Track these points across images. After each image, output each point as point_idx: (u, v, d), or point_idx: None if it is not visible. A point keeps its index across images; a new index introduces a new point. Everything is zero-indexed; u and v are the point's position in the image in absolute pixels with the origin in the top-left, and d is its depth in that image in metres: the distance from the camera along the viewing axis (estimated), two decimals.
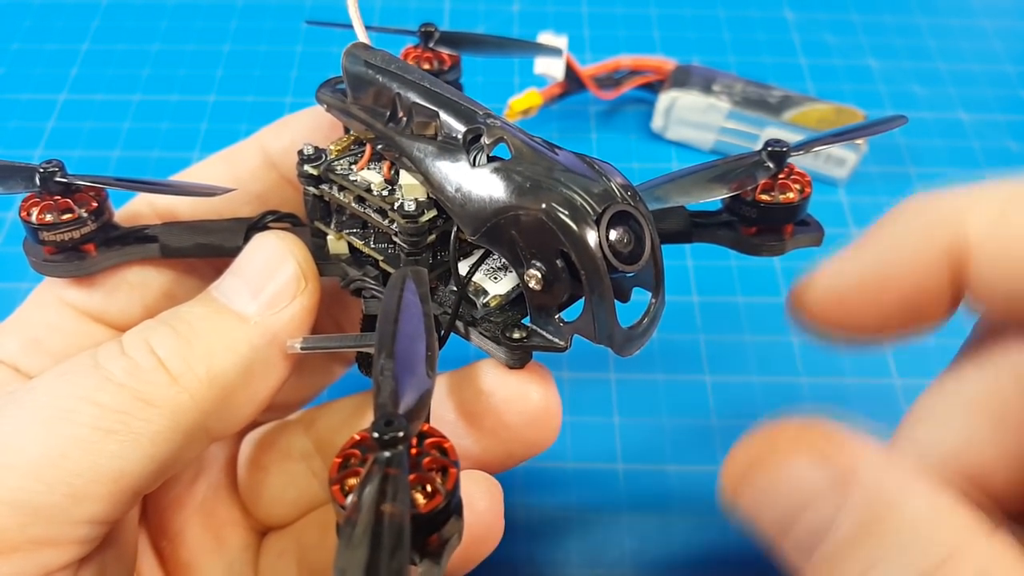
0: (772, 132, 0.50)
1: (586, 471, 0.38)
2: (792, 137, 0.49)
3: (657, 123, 0.52)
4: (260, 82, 0.56)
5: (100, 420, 0.22)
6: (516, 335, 0.24)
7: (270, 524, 0.31)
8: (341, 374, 0.34)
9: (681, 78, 0.52)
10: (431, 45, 0.33)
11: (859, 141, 0.49)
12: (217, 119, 0.53)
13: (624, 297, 0.23)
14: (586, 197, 0.22)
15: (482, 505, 0.24)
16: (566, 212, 0.22)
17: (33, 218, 0.26)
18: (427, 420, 0.20)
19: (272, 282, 0.25)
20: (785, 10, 0.62)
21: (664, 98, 0.51)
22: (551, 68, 0.50)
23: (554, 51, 0.40)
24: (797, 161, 0.29)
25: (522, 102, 0.50)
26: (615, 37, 0.60)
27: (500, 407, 0.25)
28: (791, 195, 0.28)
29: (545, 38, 0.50)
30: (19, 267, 0.45)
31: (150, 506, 0.29)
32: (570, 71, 0.51)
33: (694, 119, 0.51)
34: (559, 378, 0.26)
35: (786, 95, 0.51)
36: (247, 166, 0.30)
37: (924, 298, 0.23)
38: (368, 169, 0.27)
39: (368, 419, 0.29)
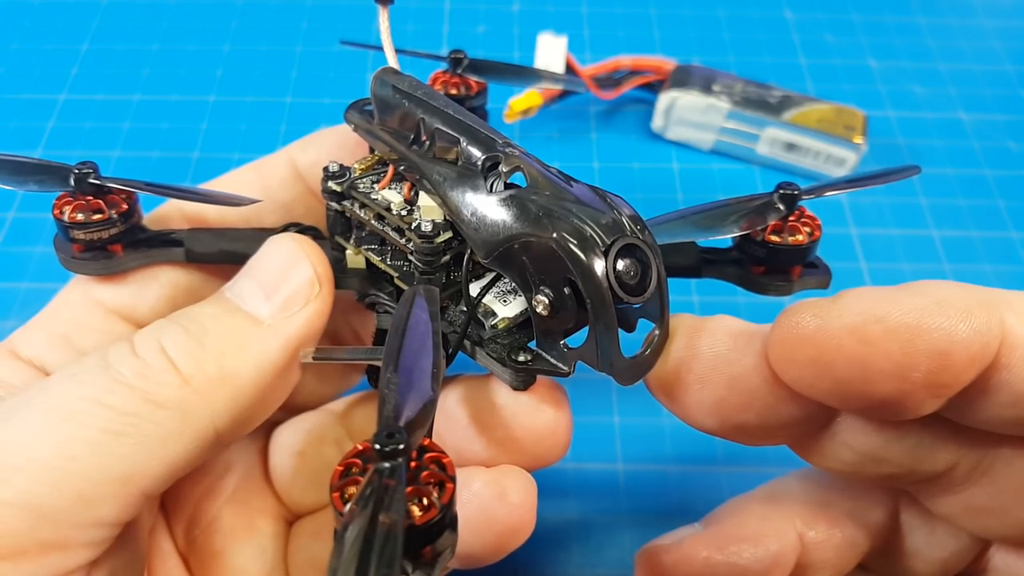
0: (772, 132, 0.50)
1: (586, 471, 0.38)
2: (792, 137, 0.50)
3: (657, 123, 0.52)
4: (260, 82, 0.56)
5: (110, 422, 0.22)
6: (521, 358, 0.25)
7: (301, 511, 0.32)
8: (358, 381, 0.35)
9: (681, 78, 0.52)
10: (459, 71, 0.34)
11: (858, 141, 0.49)
12: (217, 119, 0.53)
13: (629, 327, 0.24)
14: (595, 228, 0.22)
15: (516, 499, 0.25)
16: (575, 242, 0.22)
17: (65, 216, 0.27)
18: (429, 435, 0.20)
19: (286, 285, 0.25)
20: (785, 10, 0.62)
21: (664, 98, 0.51)
22: (551, 67, 0.50)
23: (578, 82, 0.41)
24: (798, 159, 0.29)
25: (522, 102, 0.50)
26: (615, 37, 0.60)
27: (511, 421, 0.25)
28: (800, 237, 0.28)
29: (545, 38, 0.51)
30: (19, 267, 0.45)
31: (182, 497, 0.30)
32: (570, 71, 0.51)
33: (694, 119, 0.51)
34: (560, 378, 0.26)
35: (786, 95, 0.51)
36: (276, 175, 0.31)
37: (950, 366, 0.21)
38: (389, 189, 0.27)
39: None
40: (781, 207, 0.28)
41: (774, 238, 0.28)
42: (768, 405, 0.24)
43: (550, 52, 0.50)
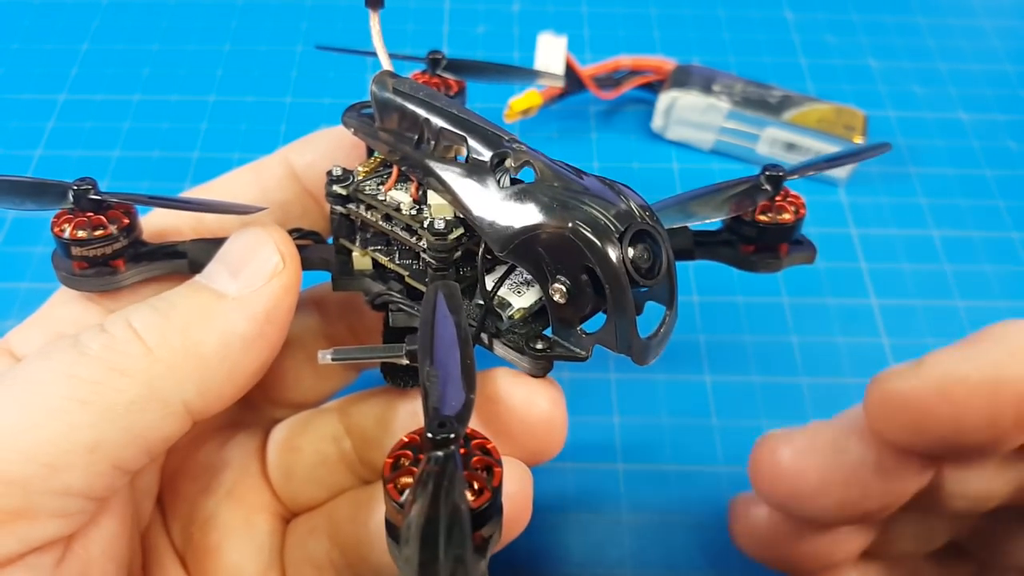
0: (772, 132, 0.50)
1: (586, 471, 0.38)
2: (792, 137, 0.50)
3: (657, 123, 0.52)
4: (260, 82, 0.56)
5: (74, 391, 0.22)
6: (539, 346, 0.25)
7: (298, 508, 0.32)
8: (355, 378, 0.35)
9: (681, 78, 0.52)
10: (438, 71, 0.34)
11: (858, 141, 0.49)
12: (217, 119, 0.53)
13: (638, 310, 0.25)
14: (609, 216, 0.23)
15: (513, 488, 0.25)
16: (591, 230, 0.23)
17: (66, 234, 0.27)
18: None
19: (251, 263, 0.26)
20: (785, 10, 0.62)
21: (664, 98, 0.51)
22: (550, 69, 0.50)
23: (555, 77, 0.41)
24: (798, 159, 0.29)
25: (522, 102, 0.50)
26: (615, 37, 0.60)
27: (505, 415, 0.26)
28: (787, 216, 0.30)
29: (545, 38, 0.50)
30: (19, 267, 0.45)
31: (179, 494, 0.30)
32: (570, 71, 0.51)
33: (694, 119, 0.51)
34: (560, 378, 0.27)
35: (786, 95, 0.51)
36: (273, 176, 0.31)
37: None
38: (396, 189, 0.28)
39: (400, 411, 0.30)
40: (768, 188, 0.30)
41: (763, 218, 0.30)
42: (881, 489, 0.25)
43: (550, 52, 0.50)
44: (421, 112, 0.27)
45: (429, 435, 0.19)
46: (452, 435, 0.19)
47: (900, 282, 0.46)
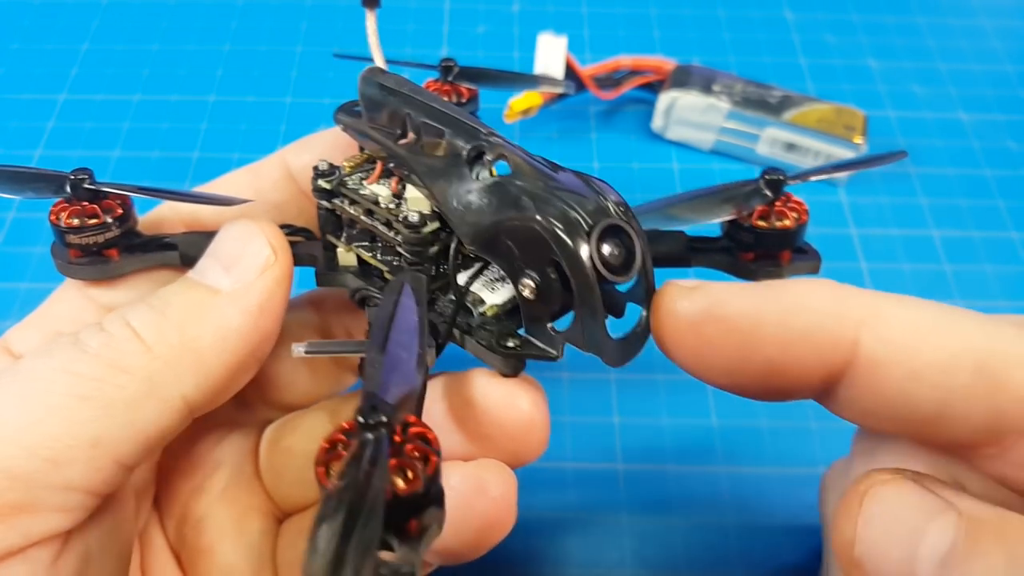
0: (772, 132, 0.50)
1: (586, 471, 0.38)
2: (792, 137, 0.50)
3: (657, 123, 0.52)
4: (260, 82, 0.56)
5: (75, 387, 0.23)
6: (510, 344, 0.25)
7: (290, 508, 0.32)
8: (351, 383, 0.35)
9: (681, 78, 0.52)
10: (450, 79, 0.34)
11: (858, 141, 0.49)
12: (217, 119, 0.53)
13: (618, 312, 0.24)
14: (579, 211, 0.23)
15: (496, 491, 0.25)
16: (559, 224, 0.23)
17: (61, 221, 0.27)
18: (418, 415, 0.20)
19: (242, 257, 0.26)
20: (785, 10, 0.62)
21: (664, 98, 0.51)
22: (550, 69, 0.50)
23: (558, 83, 0.42)
24: (798, 160, 0.29)
25: (522, 102, 0.50)
26: (615, 37, 0.60)
27: (483, 417, 0.25)
28: (787, 222, 0.28)
29: (545, 38, 0.50)
30: (19, 267, 0.45)
31: (173, 494, 0.30)
32: (570, 71, 0.51)
33: (694, 119, 0.51)
34: (559, 379, 0.26)
35: (786, 95, 0.51)
36: (269, 177, 0.32)
37: (787, 370, 0.22)
38: (378, 184, 0.28)
39: None
40: (767, 192, 0.28)
41: (761, 223, 0.28)
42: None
43: (550, 52, 0.50)
44: (404, 107, 0.27)
45: (360, 418, 0.18)
46: (383, 419, 0.18)
47: (900, 282, 0.46)
